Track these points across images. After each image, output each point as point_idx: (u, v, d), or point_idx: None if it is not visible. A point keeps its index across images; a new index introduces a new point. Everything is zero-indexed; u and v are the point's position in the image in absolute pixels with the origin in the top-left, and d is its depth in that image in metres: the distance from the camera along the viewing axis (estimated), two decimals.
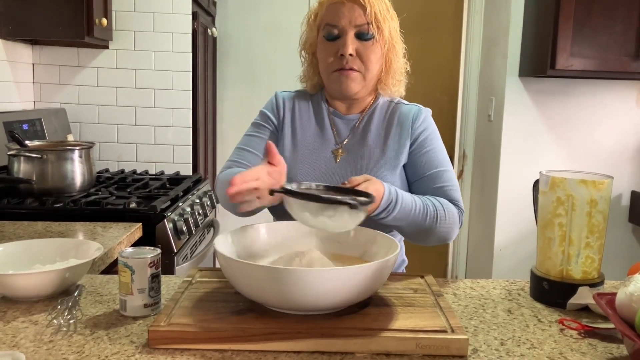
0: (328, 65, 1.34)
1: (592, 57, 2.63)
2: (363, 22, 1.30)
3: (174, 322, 0.95)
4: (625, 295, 0.94)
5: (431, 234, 1.29)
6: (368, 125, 1.39)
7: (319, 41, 1.36)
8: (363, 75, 1.34)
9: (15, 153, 1.99)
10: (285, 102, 1.44)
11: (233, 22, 3.26)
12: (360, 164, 1.35)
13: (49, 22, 2.34)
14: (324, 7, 1.34)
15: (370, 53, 1.32)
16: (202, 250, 2.26)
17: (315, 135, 1.40)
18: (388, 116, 1.41)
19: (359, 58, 1.32)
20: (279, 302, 0.97)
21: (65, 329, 0.98)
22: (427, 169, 1.36)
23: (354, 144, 1.38)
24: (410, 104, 1.44)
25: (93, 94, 2.72)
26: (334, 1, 1.32)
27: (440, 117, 3.44)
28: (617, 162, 3.05)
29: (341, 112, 1.42)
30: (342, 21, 1.31)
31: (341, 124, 1.41)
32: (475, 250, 3.42)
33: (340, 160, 1.37)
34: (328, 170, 1.35)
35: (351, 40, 1.31)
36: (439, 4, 3.42)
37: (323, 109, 1.42)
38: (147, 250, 1.07)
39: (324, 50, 1.34)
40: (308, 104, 1.44)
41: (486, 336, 1.01)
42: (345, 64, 1.31)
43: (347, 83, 1.33)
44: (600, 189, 1.13)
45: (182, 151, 2.79)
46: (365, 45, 1.32)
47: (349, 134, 1.39)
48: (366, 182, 1.16)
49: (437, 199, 1.30)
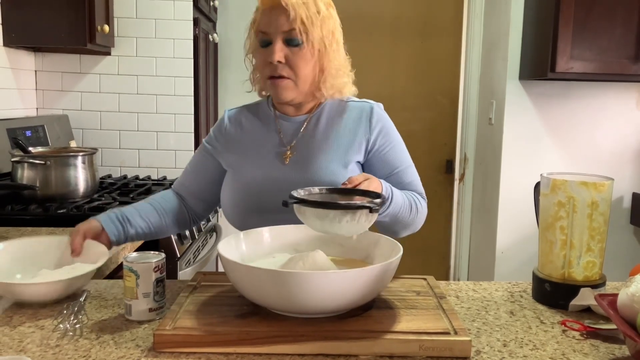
0: (262, 72, 1.33)
1: (592, 59, 2.64)
2: (289, 27, 1.26)
3: (179, 326, 0.96)
4: (627, 296, 0.94)
5: (407, 227, 1.35)
6: (317, 125, 1.38)
7: (255, 48, 1.34)
8: (294, 81, 1.30)
9: (18, 159, 2.00)
10: (231, 118, 1.44)
11: (234, 28, 3.27)
12: (311, 162, 1.33)
13: (51, 29, 2.35)
14: (259, 13, 1.32)
15: (299, 59, 1.28)
16: (205, 254, 2.27)
17: (262, 141, 1.38)
18: (339, 114, 1.39)
19: (288, 65, 1.28)
20: (283, 305, 0.98)
21: (71, 334, 0.99)
22: (392, 167, 1.37)
23: (302, 144, 1.36)
24: (360, 101, 1.42)
25: (95, 100, 2.72)
26: (265, 7, 1.29)
27: (441, 120, 3.49)
28: (618, 164, 3.05)
29: (289, 114, 1.40)
30: (271, 28, 1.28)
31: (288, 126, 1.39)
32: (477, 252, 3.43)
33: (289, 161, 1.35)
34: (278, 172, 1.34)
35: (279, 47, 1.27)
36: (438, 8, 3.43)
37: (269, 115, 1.41)
38: (151, 254, 1.08)
39: (258, 57, 1.33)
40: (254, 113, 1.44)
41: (489, 338, 1.02)
42: (275, 71, 1.29)
43: (280, 91, 1.30)
44: (601, 190, 1.14)
45: (184, 156, 2.80)
46: (293, 52, 1.28)
47: (297, 135, 1.38)
48: (366, 181, 1.16)
49: (413, 193, 1.36)
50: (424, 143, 3.49)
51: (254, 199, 1.32)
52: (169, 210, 1.42)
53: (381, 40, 3.42)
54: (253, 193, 1.33)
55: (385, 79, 3.44)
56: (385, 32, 3.43)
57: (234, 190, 1.36)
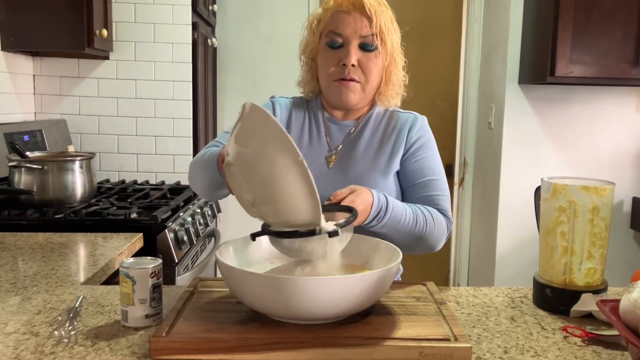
0: (329, 73, 1.34)
1: (591, 63, 2.64)
2: (368, 33, 1.30)
3: (175, 332, 0.95)
4: (629, 301, 0.93)
5: (419, 242, 1.30)
6: (362, 132, 1.39)
7: (321, 48, 1.36)
8: (363, 86, 1.33)
9: (16, 164, 1.99)
10: (282, 106, 1.44)
11: (233, 32, 3.27)
12: (352, 169, 1.34)
13: (49, 33, 2.35)
14: (329, 13, 1.34)
15: (372, 65, 1.32)
16: (203, 260, 2.26)
17: (308, 141, 1.40)
18: (383, 123, 1.41)
19: (360, 69, 1.32)
20: (281, 312, 0.97)
21: (66, 341, 0.98)
22: (419, 176, 1.36)
23: (347, 150, 1.38)
24: (406, 112, 1.44)
25: (93, 104, 2.72)
26: (341, 9, 1.31)
27: (440, 124, 3.48)
28: (618, 168, 3.05)
29: (337, 118, 1.42)
30: (347, 30, 1.30)
31: (336, 130, 1.40)
32: (477, 257, 3.42)
33: (332, 166, 1.36)
34: (320, 175, 1.33)
35: (355, 50, 1.30)
36: (438, 12, 3.44)
37: (319, 116, 1.43)
38: (148, 260, 1.07)
39: (326, 57, 1.34)
40: (304, 110, 1.44)
41: (489, 344, 1.01)
42: (347, 74, 1.31)
43: (347, 93, 1.33)
44: (603, 195, 1.13)
45: (182, 161, 2.79)
46: (367, 57, 1.32)
47: (343, 140, 1.39)
48: (352, 194, 1.15)
49: (427, 208, 1.31)
50: None
51: None
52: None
53: None
54: None
55: None
56: None
57: None
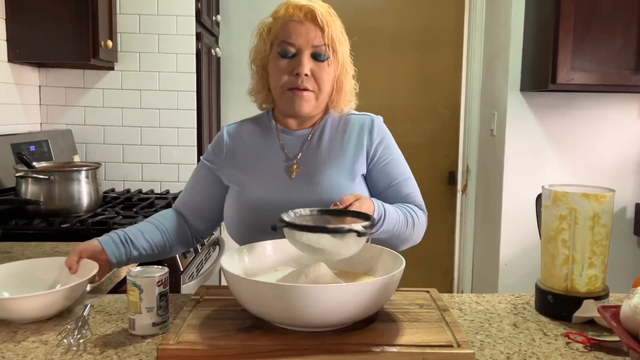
0: (282, 83, 1.32)
1: (592, 71, 2.64)
2: (320, 43, 1.30)
3: (182, 340, 0.96)
4: (630, 307, 0.94)
5: (406, 241, 1.35)
6: (321, 139, 1.39)
7: (272, 57, 1.34)
8: (316, 95, 1.33)
9: (22, 174, 2.01)
10: (231, 134, 1.44)
11: (236, 42, 3.30)
12: (319, 176, 1.34)
13: (55, 45, 2.37)
14: (280, 22, 1.32)
15: (325, 74, 1.32)
16: (208, 268, 2.27)
17: (265, 156, 1.39)
18: (341, 128, 1.41)
19: (313, 78, 1.31)
20: (286, 319, 0.98)
21: (75, 349, 0.99)
22: (392, 178, 1.38)
23: (309, 158, 1.37)
24: (361, 114, 1.44)
25: (99, 114, 2.74)
26: (292, 19, 1.30)
27: (442, 131, 3.50)
28: (620, 175, 3.05)
29: (291, 128, 1.41)
30: (300, 40, 1.29)
31: (291, 140, 1.39)
32: (480, 264, 3.42)
33: (295, 175, 1.35)
34: (285, 187, 1.34)
35: (307, 60, 1.30)
36: (439, 20, 3.46)
37: (271, 129, 1.42)
38: (154, 269, 1.09)
39: (278, 67, 1.33)
40: (254, 128, 1.44)
41: (492, 350, 1.02)
42: (300, 83, 1.30)
43: (301, 103, 1.32)
44: (603, 202, 1.14)
45: (187, 170, 2.81)
46: (320, 66, 1.31)
47: (302, 149, 1.38)
48: (357, 201, 1.17)
49: (410, 207, 1.36)
50: (425, 155, 3.50)
51: (262, 216, 1.29)
52: (171, 230, 1.41)
53: (382, 52, 3.44)
54: (260, 210, 1.31)
55: (387, 91, 3.46)
56: (387, 44, 3.45)
57: (239, 208, 1.35)
